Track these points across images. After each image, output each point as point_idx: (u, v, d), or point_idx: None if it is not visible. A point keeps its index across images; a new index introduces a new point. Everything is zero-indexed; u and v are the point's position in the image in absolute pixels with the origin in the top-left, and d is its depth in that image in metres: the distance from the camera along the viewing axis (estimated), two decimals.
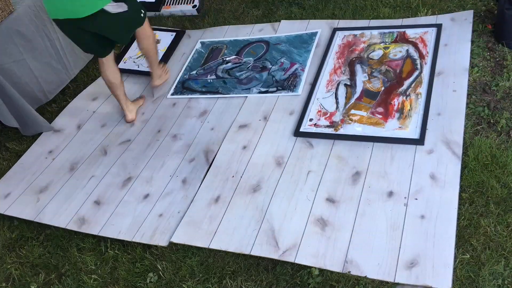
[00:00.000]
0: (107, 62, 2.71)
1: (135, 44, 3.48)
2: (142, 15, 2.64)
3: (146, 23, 2.70)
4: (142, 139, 2.77)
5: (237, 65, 3.00)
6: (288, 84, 2.72)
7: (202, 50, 3.23)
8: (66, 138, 2.93)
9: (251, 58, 3.00)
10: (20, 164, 2.81)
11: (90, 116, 3.04)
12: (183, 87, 3.01)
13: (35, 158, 2.83)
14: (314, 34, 2.99)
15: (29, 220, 2.46)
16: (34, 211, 2.49)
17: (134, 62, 3.35)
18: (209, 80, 2.97)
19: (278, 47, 3.01)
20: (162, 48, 3.37)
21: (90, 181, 2.59)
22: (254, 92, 2.77)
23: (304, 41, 2.97)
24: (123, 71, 3.29)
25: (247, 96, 2.77)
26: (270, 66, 2.89)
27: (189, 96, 2.92)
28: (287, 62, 2.87)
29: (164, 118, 2.86)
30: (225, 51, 3.16)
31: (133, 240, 2.21)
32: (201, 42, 3.29)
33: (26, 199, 2.57)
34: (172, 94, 2.99)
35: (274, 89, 2.72)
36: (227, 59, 3.09)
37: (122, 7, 2.45)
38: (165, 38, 3.45)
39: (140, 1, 2.71)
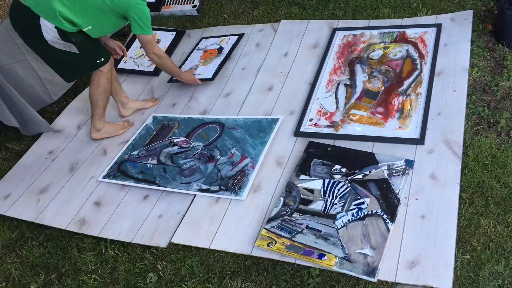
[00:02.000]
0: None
1: (135, 44, 3.49)
2: (99, 62, 2.54)
3: (105, 71, 2.58)
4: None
5: (184, 149, 2.59)
6: (233, 184, 2.30)
7: (152, 127, 2.82)
8: (66, 138, 2.93)
9: (200, 143, 2.59)
10: (20, 165, 2.81)
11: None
12: (119, 170, 2.59)
13: (35, 158, 2.83)
14: (275, 121, 2.54)
15: (29, 221, 2.47)
16: (34, 212, 2.49)
17: (134, 62, 3.35)
18: (148, 165, 2.56)
19: (232, 132, 2.58)
20: (162, 48, 3.37)
21: (90, 181, 2.59)
22: (194, 188, 2.35)
23: (262, 129, 2.53)
24: (123, 71, 3.30)
25: (195, 195, 2.33)
26: (219, 157, 2.46)
27: (121, 182, 2.50)
28: (238, 154, 2.45)
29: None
30: (176, 130, 2.74)
31: (133, 241, 2.21)
32: (153, 117, 2.89)
33: (26, 200, 2.57)
34: (104, 177, 2.57)
35: (217, 188, 2.31)
36: (175, 140, 2.67)
37: (68, 47, 2.38)
38: (165, 37, 3.46)
39: (105, 50, 2.63)
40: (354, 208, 1.98)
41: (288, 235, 1.97)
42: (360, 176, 2.09)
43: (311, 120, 2.49)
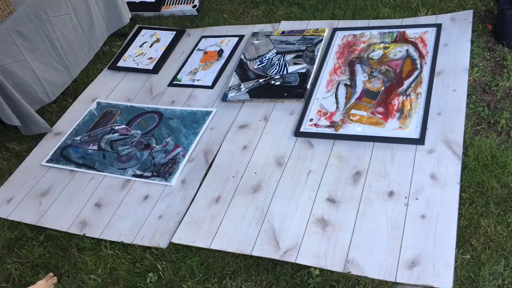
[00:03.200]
0: None
1: (135, 42, 3.49)
2: None
3: None
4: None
5: (124, 137, 2.76)
6: (164, 171, 2.47)
7: (95, 113, 2.98)
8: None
9: (139, 131, 2.76)
10: (22, 168, 2.80)
11: None
12: (61, 155, 2.76)
13: (36, 161, 2.82)
14: (208, 113, 2.73)
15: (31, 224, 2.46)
16: (36, 215, 2.48)
17: (133, 60, 3.35)
18: (89, 151, 2.73)
19: (169, 122, 2.76)
20: (161, 47, 3.37)
21: (90, 183, 2.58)
22: (129, 173, 2.53)
23: (195, 120, 2.71)
24: (122, 69, 3.31)
25: (129, 179, 2.52)
26: (154, 145, 2.64)
27: (63, 167, 2.68)
28: (171, 143, 2.62)
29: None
30: (118, 117, 2.90)
31: (134, 242, 2.21)
32: (97, 102, 3.05)
33: (28, 203, 2.57)
34: (48, 161, 2.74)
35: (149, 174, 2.49)
36: (116, 127, 2.84)
37: None
38: (165, 37, 3.46)
39: None
40: None
41: None
42: None
43: (311, 120, 2.49)
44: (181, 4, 3.74)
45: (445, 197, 1.96)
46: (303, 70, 2.73)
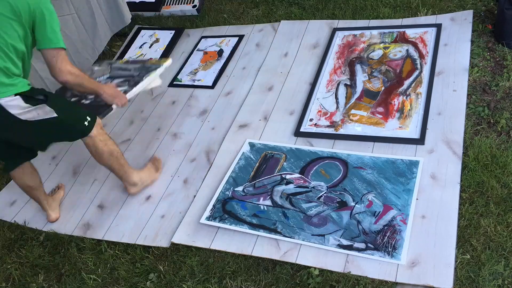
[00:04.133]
0: (22, 167, 2.22)
1: (135, 44, 3.49)
2: (86, 123, 2.06)
3: (96, 135, 2.09)
4: (142, 138, 2.77)
5: (303, 190, 2.14)
6: (383, 243, 1.86)
7: (251, 156, 2.38)
8: (68, 142, 2.90)
9: (322, 183, 2.14)
10: None
11: None
12: (224, 210, 2.17)
13: (39, 164, 2.79)
14: (415, 164, 2.09)
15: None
16: (41, 219, 2.47)
17: None
18: (262, 207, 2.13)
19: (360, 172, 2.13)
20: (161, 47, 3.37)
21: (93, 185, 2.58)
22: (331, 243, 1.91)
23: (400, 173, 2.08)
24: None
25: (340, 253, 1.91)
26: (352, 203, 2.02)
27: (232, 227, 2.09)
28: (378, 202, 2.00)
29: (164, 116, 2.86)
30: (284, 163, 2.30)
31: (136, 243, 2.21)
32: (249, 144, 2.45)
33: (32, 206, 2.56)
34: (208, 219, 2.16)
35: (363, 245, 1.87)
36: (288, 177, 2.22)
37: (42, 113, 1.88)
38: (164, 37, 3.46)
39: (89, 109, 2.20)
40: None
41: None
42: None
43: (311, 120, 2.49)
44: (181, 4, 3.74)
45: (445, 197, 1.96)
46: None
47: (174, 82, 3.06)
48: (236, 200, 2.19)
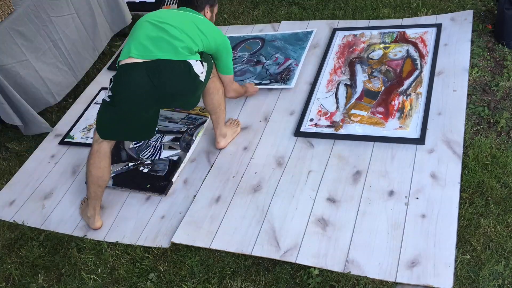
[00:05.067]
0: (105, 151, 2.21)
1: None
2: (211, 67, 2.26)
3: (215, 72, 2.31)
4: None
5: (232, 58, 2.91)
6: (282, 77, 2.73)
7: None
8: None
9: (246, 53, 3.02)
10: (24, 170, 2.78)
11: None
12: None
13: (38, 163, 2.81)
14: (310, 32, 3.01)
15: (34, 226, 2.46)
16: (40, 218, 2.47)
17: None
18: None
19: (273, 43, 3.03)
20: None
21: None
22: (247, 82, 2.74)
23: (299, 39, 2.99)
24: None
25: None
26: (265, 61, 2.90)
27: None
28: (281, 57, 2.88)
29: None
30: None
31: (137, 243, 2.21)
32: None
33: (31, 206, 2.55)
34: None
35: (268, 81, 2.74)
36: None
37: (206, 76, 2.17)
38: None
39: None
40: None
41: None
42: None
43: (311, 120, 2.49)
44: None
45: (445, 197, 1.96)
46: (175, 158, 2.52)
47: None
48: None
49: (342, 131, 2.37)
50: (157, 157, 2.56)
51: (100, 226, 2.33)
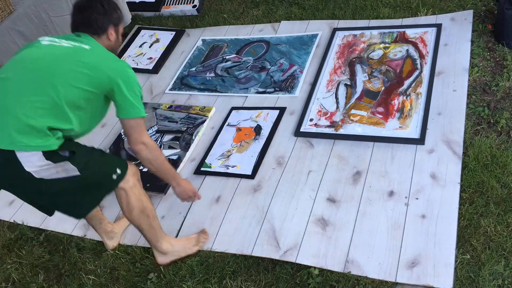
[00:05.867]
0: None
1: (134, 43, 3.49)
2: (115, 177, 1.78)
3: (130, 187, 1.83)
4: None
5: (237, 64, 3.00)
6: (286, 85, 2.72)
7: (203, 48, 3.24)
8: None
9: (250, 58, 3.01)
10: None
11: None
12: (182, 83, 3.02)
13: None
14: (315, 36, 2.98)
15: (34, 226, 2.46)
16: (39, 217, 2.46)
17: (133, 60, 3.35)
18: (207, 78, 2.98)
19: (278, 47, 3.01)
20: (161, 47, 3.37)
21: None
22: (252, 92, 2.77)
23: (304, 43, 2.97)
24: None
25: (247, 96, 2.76)
26: (269, 67, 2.89)
27: (187, 92, 2.93)
28: (286, 63, 2.87)
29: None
30: (226, 49, 3.15)
31: (137, 244, 2.20)
32: (202, 40, 3.30)
33: (30, 206, 2.55)
34: (171, 90, 3.01)
35: (272, 89, 2.73)
36: (227, 57, 3.08)
37: (62, 171, 1.66)
38: (165, 37, 3.46)
39: (117, 159, 2.10)
40: None
41: None
42: None
43: (311, 120, 2.49)
44: (181, 4, 3.74)
45: (445, 197, 1.96)
46: (175, 157, 2.51)
47: (202, 169, 2.45)
48: (190, 76, 3.06)
49: (342, 131, 2.37)
50: None
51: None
